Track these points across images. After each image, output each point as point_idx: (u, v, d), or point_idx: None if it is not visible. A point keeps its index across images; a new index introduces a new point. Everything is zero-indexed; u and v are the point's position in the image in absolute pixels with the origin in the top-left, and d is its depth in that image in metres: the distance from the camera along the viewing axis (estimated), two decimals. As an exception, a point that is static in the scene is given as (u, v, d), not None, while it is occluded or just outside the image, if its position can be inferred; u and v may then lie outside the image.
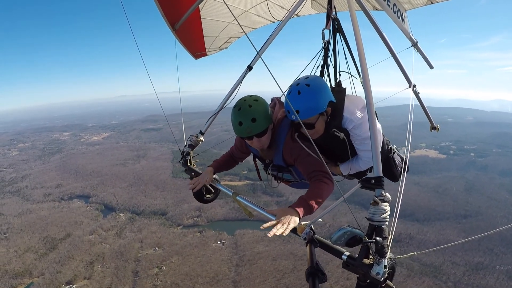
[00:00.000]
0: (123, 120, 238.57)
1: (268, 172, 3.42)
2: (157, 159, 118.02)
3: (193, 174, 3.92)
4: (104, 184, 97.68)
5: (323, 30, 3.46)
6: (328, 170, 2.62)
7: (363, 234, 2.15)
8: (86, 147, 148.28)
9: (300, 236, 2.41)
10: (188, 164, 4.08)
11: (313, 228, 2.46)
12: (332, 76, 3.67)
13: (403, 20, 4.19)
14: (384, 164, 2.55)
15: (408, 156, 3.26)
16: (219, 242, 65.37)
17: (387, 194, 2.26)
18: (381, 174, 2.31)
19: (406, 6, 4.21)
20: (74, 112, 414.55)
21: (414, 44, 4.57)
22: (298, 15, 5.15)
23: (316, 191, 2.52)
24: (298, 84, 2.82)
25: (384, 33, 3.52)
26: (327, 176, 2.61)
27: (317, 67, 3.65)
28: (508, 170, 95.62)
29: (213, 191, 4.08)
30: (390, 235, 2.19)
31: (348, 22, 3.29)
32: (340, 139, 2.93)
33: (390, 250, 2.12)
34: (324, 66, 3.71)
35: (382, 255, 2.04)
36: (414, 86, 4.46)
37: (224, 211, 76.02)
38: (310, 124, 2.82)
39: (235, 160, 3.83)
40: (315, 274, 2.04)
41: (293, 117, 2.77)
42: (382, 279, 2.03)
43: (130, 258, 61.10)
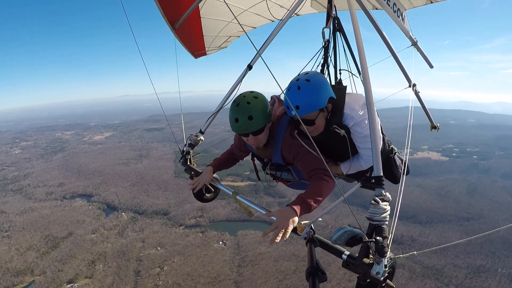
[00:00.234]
0: (125, 120, 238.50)
1: (267, 172, 3.36)
2: (159, 159, 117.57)
3: (193, 173, 3.92)
4: (106, 183, 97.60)
5: (323, 29, 3.47)
6: (328, 168, 2.56)
7: (363, 233, 2.14)
8: (88, 146, 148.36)
9: (300, 235, 2.41)
10: (188, 163, 4.07)
11: (313, 227, 2.45)
12: (333, 75, 3.69)
13: (403, 19, 4.19)
14: (384, 164, 2.52)
15: (408, 152, 3.28)
16: (221, 243, 65.26)
17: (387, 194, 2.28)
18: (381, 174, 2.31)
19: (406, 5, 4.24)
20: (76, 111, 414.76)
21: (414, 44, 4.59)
22: (298, 14, 5.14)
23: (316, 189, 2.50)
24: (297, 79, 2.78)
25: (384, 32, 3.53)
26: (327, 174, 2.58)
27: (317, 66, 3.66)
28: (511, 173, 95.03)
29: (213, 190, 4.06)
30: (390, 235, 2.21)
31: (347, 21, 3.31)
32: (340, 136, 2.89)
33: (390, 250, 2.13)
34: (324, 65, 3.71)
35: (382, 255, 2.05)
36: (414, 85, 4.48)
37: (226, 211, 75.95)
38: (310, 120, 2.77)
39: (235, 158, 3.80)
40: (315, 273, 2.04)
41: (292, 113, 2.71)
42: (382, 278, 2.04)
43: (132, 258, 61.08)
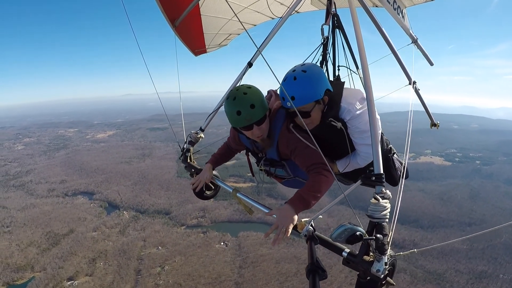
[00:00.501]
0: (128, 119, 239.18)
1: (260, 168, 3.29)
2: (162, 159, 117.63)
3: (193, 170, 3.89)
4: (109, 181, 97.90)
5: (322, 25, 3.45)
6: (326, 162, 2.51)
7: (363, 231, 2.13)
8: (91, 144, 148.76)
9: (300, 233, 2.40)
10: (188, 160, 4.04)
11: (313, 225, 2.44)
12: (331, 72, 3.69)
13: (403, 17, 4.18)
14: (383, 164, 2.47)
15: (408, 150, 3.18)
16: (222, 243, 65.33)
17: (388, 191, 2.27)
18: (381, 171, 2.30)
19: (406, 3, 4.23)
20: (80, 109, 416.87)
21: (414, 41, 4.57)
22: (298, 12, 5.09)
23: (315, 185, 2.48)
24: (294, 70, 2.72)
25: (384, 30, 3.50)
26: (326, 169, 2.53)
27: (315, 63, 3.60)
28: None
29: (213, 187, 4.03)
30: (391, 232, 2.20)
31: (346, 19, 3.35)
32: (337, 130, 2.82)
33: (390, 248, 2.12)
34: (323, 62, 3.69)
35: (382, 252, 2.04)
36: (415, 82, 4.47)
37: (228, 212, 76.08)
38: (305, 112, 2.70)
39: (232, 151, 3.76)
40: (315, 271, 2.03)
41: (288, 104, 2.66)
42: (383, 276, 2.04)
43: (133, 257, 61.24)
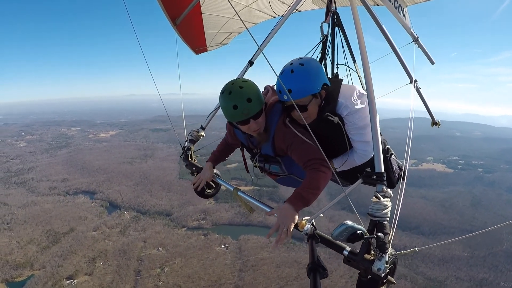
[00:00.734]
0: (131, 119, 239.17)
1: (255, 164, 3.24)
2: (164, 160, 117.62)
3: (194, 169, 3.88)
4: (110, 181, 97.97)
5: (321, 23, 3.44)
6: (325, 157, 2.48)
7: (364, 230, 2.12)
8: (93, 143, 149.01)
9: (301, 231, 2.39)
10: (189, 159, 4.04)
11: (314, 223, 2.43)
12: (330, 70, 3.66)
13: (404, 15, 4.18)
14: None
15: (409, 149, 3.22)
16: (223, 246, 65.20)
17: (388, 190, 2.27)
18: (382, 170, 2.30)
19: (407, 1, 4.24)
20: (83, 108, 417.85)
21: (415, 40, 4.59)
22: (299, 10, 5.05)
23: (313, 182, 2.44)
24: (291, 63, 2.70)
25: (385, 28, 3.50)
26: (324, 164, 2.49)
27: None
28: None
29: (214, 186, 4.01)
30: (392, 231, 2.21)
31: (345, 17, 3.38)
32: (334, 125, 2.79)
33: (391, 246, 2.13)
34: (322, 60, 3.67)
35: (383, 251, 2.05)
36: (416, 81, 4.49)
37: (229, 215, 76.03)
38: (302, 106, 2.66)
39: (231, 147, 3.73)
40: (316, 269, 2.02)
41: (284, 97, 2.63)
42: (383, 274, 2.04)
43: (133, 257, 61.17)
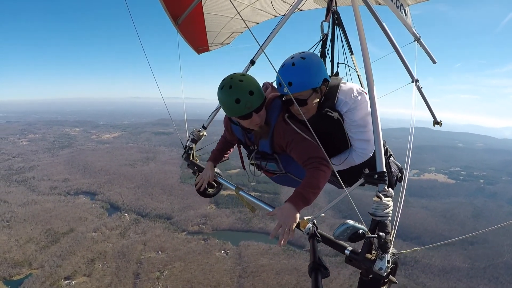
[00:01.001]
0: (134, 121, 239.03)
1: (251, 161, 3.19)
2: (166, 163, 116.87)
3: (195, 168, 3.91)
4: (111, 183, 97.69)
5: (322, 22, 3.44)
6: (325, 155, 2.46)
7: (366, 229, 2.13)
8: (96, 144, 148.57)
9: (303, 231, 2.41)
10: (191, 158, 4.06)
11: (315, 222, 2.44)
12: (329, 69, 3.69)
13: (406, 15, 4.18)
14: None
15: (410, 148, 3.24)
16: (223, 252, 64.82)
17: (390, 189, 2.27)
18: (383, 169, 2.30)
19: (409, 1, 4.24)
20: (86, 108, 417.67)
21: (417, 39, 4.60)
22: (300, 10, 5.03)
23: (313, 180, 2.41)
24: (293, 57, 2.69)
25: (387, 28, 3.52)
26: (324, 163, 2.46)
27: None
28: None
29: (215, 185, 4.01)
30: (393, 231, 2.20)
31: (346, 16, 3.45)
32: (334, 121, 2.75)
33: (392, 246, 2.14)
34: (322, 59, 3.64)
35: (385, 250, 2.05)
36: (417, 81, 4.45)
37: (230, 220, 75.55)
38: (302, 100, 2.65)
39: (230, 144, 3.71)
40: (317, 269, 2.02)
41: (284, 90, 2.60)
42: (385, 274, 2.06)
43: (132, 260, 60.86)
